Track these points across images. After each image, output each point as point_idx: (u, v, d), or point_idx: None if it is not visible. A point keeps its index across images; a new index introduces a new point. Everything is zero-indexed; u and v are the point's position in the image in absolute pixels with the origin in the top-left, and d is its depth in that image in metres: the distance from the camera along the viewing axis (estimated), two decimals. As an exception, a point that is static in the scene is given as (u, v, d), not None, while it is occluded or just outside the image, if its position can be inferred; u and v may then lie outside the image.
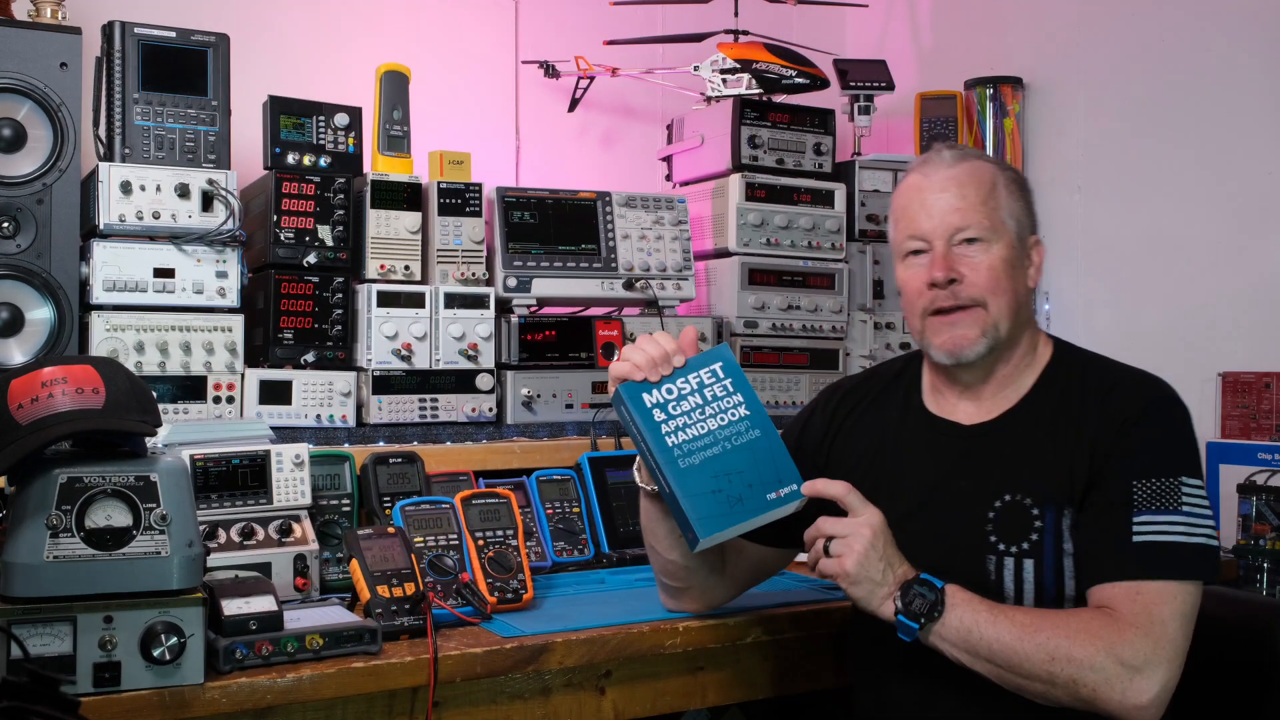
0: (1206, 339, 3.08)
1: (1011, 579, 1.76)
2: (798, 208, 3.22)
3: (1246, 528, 2.78)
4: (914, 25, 4.00)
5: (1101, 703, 1.60)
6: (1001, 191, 1.83)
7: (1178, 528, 1.67)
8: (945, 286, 1.80)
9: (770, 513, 1.78)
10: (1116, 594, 1.65)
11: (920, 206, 1.84)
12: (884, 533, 1.72)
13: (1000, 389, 1.87)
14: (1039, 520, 1.75)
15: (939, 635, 1.68)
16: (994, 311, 1.80)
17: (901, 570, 1.71)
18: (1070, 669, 1.60)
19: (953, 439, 1.87)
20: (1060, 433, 1.78)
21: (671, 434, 1.78)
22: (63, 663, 1.54)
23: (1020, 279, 1.83)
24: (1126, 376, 1.82)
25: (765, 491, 1.78)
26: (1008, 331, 1.81)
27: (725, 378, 1.83)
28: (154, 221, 2.47)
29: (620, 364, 1.83)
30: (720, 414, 1.81)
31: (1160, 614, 1.62)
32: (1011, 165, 1.89)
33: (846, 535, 1.71)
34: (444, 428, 2.72)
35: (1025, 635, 1.63)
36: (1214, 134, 3.10)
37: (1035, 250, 1.87)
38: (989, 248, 1.80)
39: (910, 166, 1.92)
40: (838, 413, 2.03)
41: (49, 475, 1.59)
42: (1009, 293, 1.81)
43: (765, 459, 1.80)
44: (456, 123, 3.42)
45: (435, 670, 1.77)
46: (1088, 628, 1.62)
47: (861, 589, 1.70)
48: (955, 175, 1.83)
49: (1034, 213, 1.89)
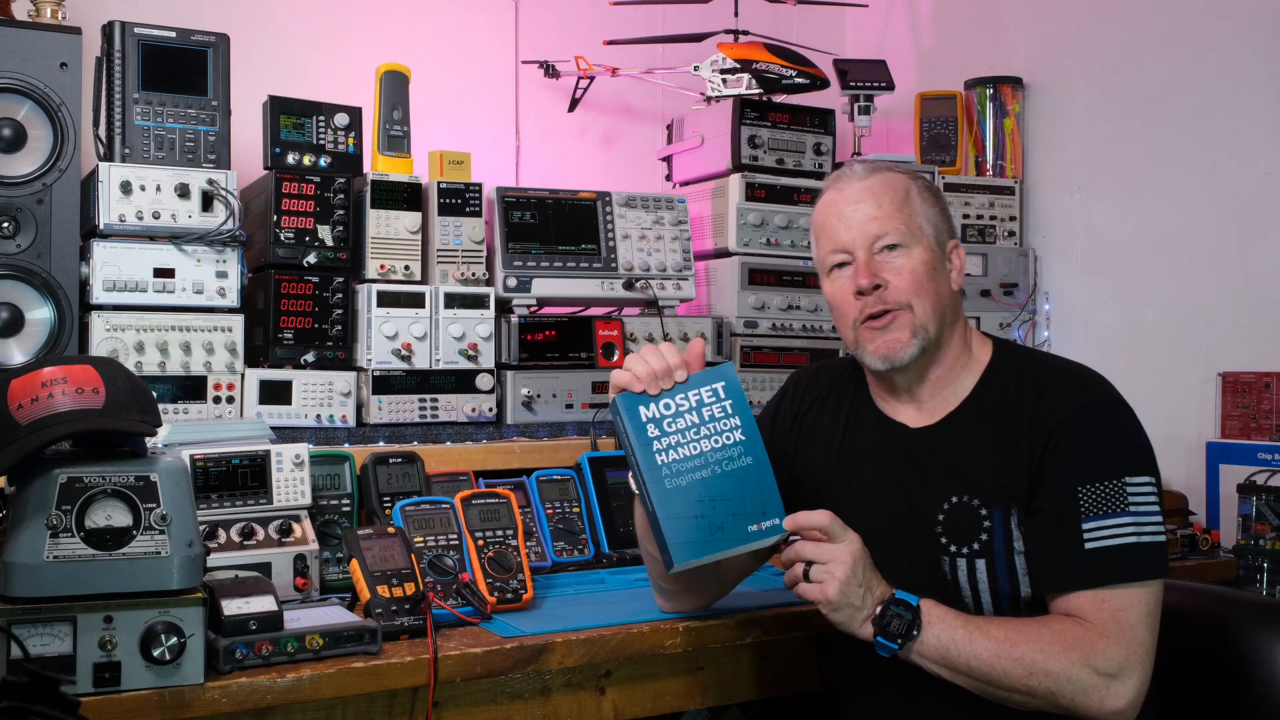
0: (1206, 339, 3.09)
1: (966, 579, 1.79)
2: (798, 208, 3.22)
3: (1246, 528, 2.78)
4: (914, 25, 4.00)
5: (1080, 710, 1.65)
6: (916, 199, 1.87)
7: (1127, 528, 1.70)
8: (871, 293, 1.84)
9: (749, 544, 1.78)
10: (1082, 603, 1.69)
11: (839, 220, 1.88)
12: (864, 558, 1.74)
13: (937, 392, 1.90)
14: (987, 520, 1.78)
15: (918, 653, 1.71)
16: (920, 314, 1.83)
17: (879, 591, 1.74)
18: (1048, 682, 1.64)
19: (901, 441, 1.91)
20: (1000, 434, 1.81)
21: (662, 452, 1.77)
22: (63, 663, 1.54)
23: (942, 281, 1.87)
24: (1060, 378, 1.83)
25: (748, 522, 1.77)
26: (935, 332, 1.85)
27: (725, 399, 1.82)
28: (154, 221, 2.47)
29: (621, 373, 1.82)
30: (715, 436, 1.80)
31: (1128, 619, 1.66)
32: (922, 175, 1.95)
33: (827, 562, 1.73)
34: (444, 428, 2.72)
35: (1002, 650, 1.66)
36: (1214, 134, 3.10)
37: (955, 254, 1.91)
38: (909, 252, 1.84)
39: (825, 184, 1.96)
40: (804, 399, 2.07)
41: (49, 475, 1.59)
42: (932, 294, 1.84)
43: (753, 488, 1.79)
44: (456, 123, 3.42)
45: (435, 670, 1.77)
46: (1061, 639, 1.66)
47: (842, 614, 1.73)
48: (869, 186, 1.87)
49: (950, 218, 1.93)
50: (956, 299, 1.90)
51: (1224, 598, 2.12)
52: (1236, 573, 2.77)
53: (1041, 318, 3.46)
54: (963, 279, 1.92)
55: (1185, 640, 2.02)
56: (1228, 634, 2.00)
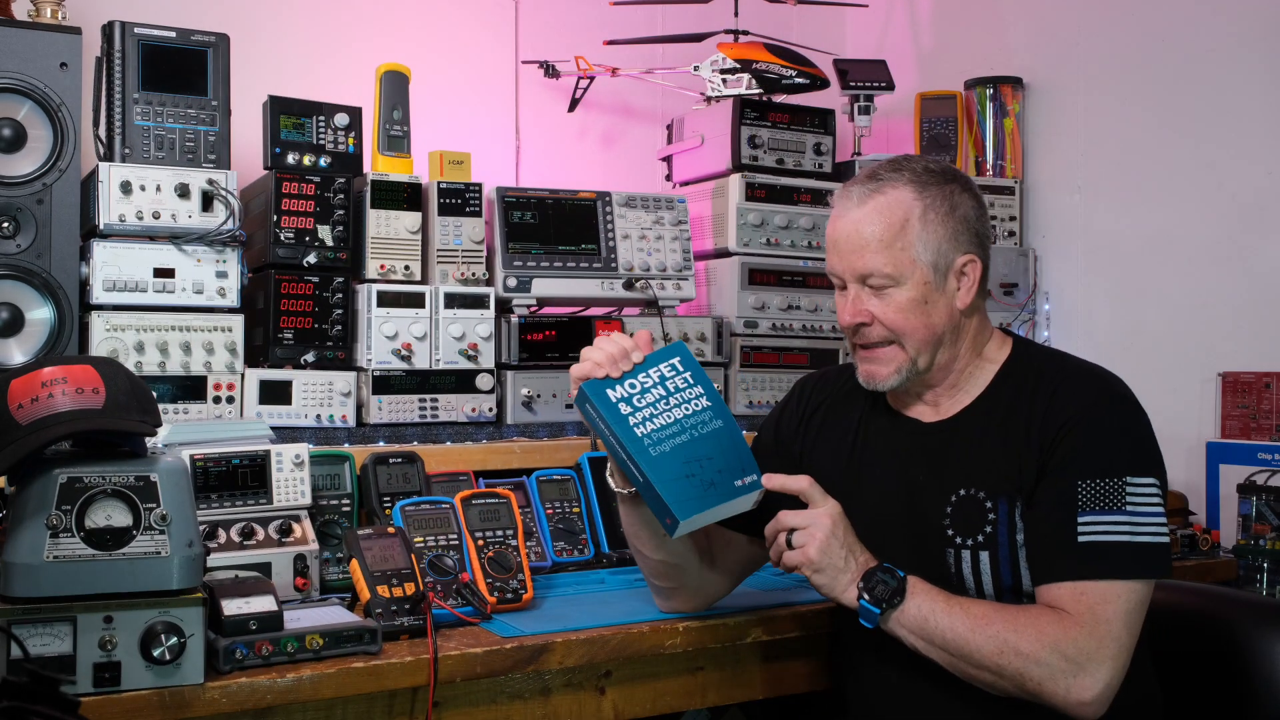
0: (1206, 339, 3.08)
1: (970, 571, 1.81)
2: (798, 208, 3.23)
3: (1246, 528, 2.78)
4: (914, 25, 4.00)
5: (1046, 696, 1.67)
6: (915, 225, 1.81)
7: (1121, 528, 1.71)
8: (855, 332, 1.87)
9: (739, 499, 1.82)
10: (1063, 593, 1.71)
11: (833, 245, 1.89)
12: (843, 521, 1.79)
13: (952, 393, 1.91)
14: (992, 513, 1.80)
15: (898, 621, 1.75)
16: (910, 349, 1.85)
17: (863, 558, 1.79)
18: (1017, 662, 1.67)
19: (914, 435, 1.92)
20: (1011, 429, 1.82)
21: (639, 425, 1.81)
22: (63, 663, 1.54)
23: (937, 311, 1.84)
24: (1075, 374, 1.85)
25: (733, 478, 1.82)
26: (927, 362, 1.86)
27: (684, 370, 1.87)
28: (154, 221, 2.47)
29: (580, 364, 1.86)
30: (684, 404, 1.84)
31: (1105, 613, 1.68)
32: (937, 183, 1.84)
33: (808, 525, 1.78)
34: (444, 428, 2.72)
35: (978, 627, 1.70)
36: (1214, 134, 3.10)
37: (969, 268, 1.85)
38: (896, 289, 1.83)
39: (835, 193, 1.95)
40: (810, 401, 2.08)
41: (49, 475, 1.59)
42: (922, 329, 1.84)
43: (729, 447, 1.84)
44: (456, 123, 3.42)
45: (435, 670, 1.77)
46: (1036, 623, 1.68)
47: (825, 575, 1.77)
48: (863, 216, 1.83)
49: (968, 230, 1.84)
50: (959, 318, 1.86)
51: (1224, 597, 2.12)
52: (1236, 573, 2.77)
53: (1041, 318, 3.46)
54: (974, 295, 1.85)
55: (1185, 640, 2.02)
56: (1228, 633, 2.00)
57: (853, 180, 1.91)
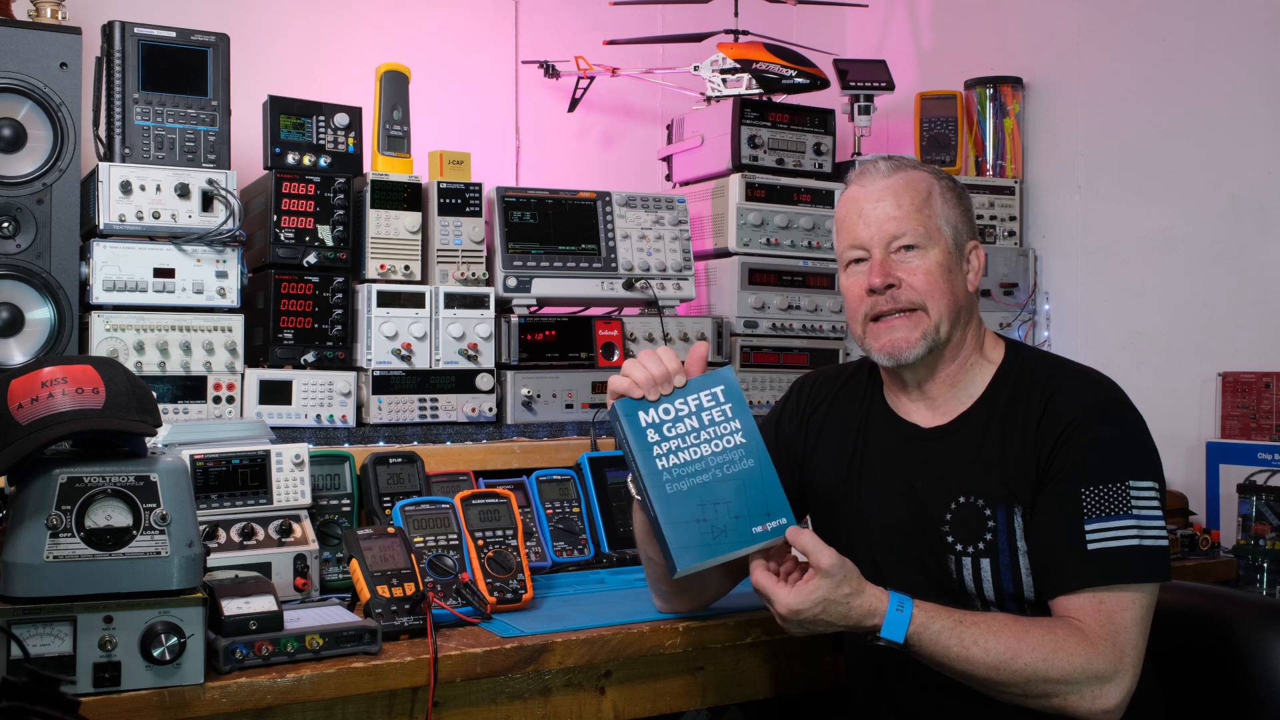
0: (1206, 339, 3.09)
1: (971, 577, 1.81)
2: (798, 208, 3.23)
3: (1246, 528, 2.78)
4: (914, 25, 4.00)
5: (1071, 711, 1.68)
6: (937, 199, 1.88)
7: (1129, 531, 1.71)
8: (883, 292, 1.86)
9: (752, 546, 1.76)
10: (1082, 604, 1.70)
11: (859, 216, 1.89)
12: (840, 588, 1.70)
13: (949, 390, 1.91)
14: (991, 520, 1.80)
15: (914, 654, 1.73)
16: (934, 314, 1.85)
17: (862, 606, 1.71)
18: (1046, 687, 1.67)
19: (912, 440, 1.92)
20: (1009, 436, 1.82)
21: (662, 457, 1.77)
22: (63, 663, 1.54)
23: (958, 282, 1.88)
24: (1070, 380, 1.84)
25: (751, 524, 1.76)
26: (947, 332, 1.86)
27: (725, 402, 1.81)
28: (154, 221, 2.47)
29: (619, 379, 1.82)
30: (716, 440, 1.79)
31: (1123, 621, 1.68)
32: (948, 174, 1.97)
33: (783, 614, 1.73)
34: (444, 428, 2.72)
35: (1001, 665, 1.67)
36: (1214, 134, 3.10)
37: (974, 255, 1.92)
38: (925, 253, 1.85)
39: (849, 178, 1.97)
40: (810, 401, 2.08)
41: (49, 475, 1.59)
42: (947, 295, 1.86)
43: (756, 490, 1.78)
44: (456, 123, 3.42)
45: (435, 670, 1.77)
46: (1062, 648, 1.66)
47: (825, 627, 1.74)
48: (891, 185, 1.88)
49: (972, 219, 1.94)
50: (972, 299, 1.91)
51: (1224, 597, 2.12)
52: (1236, 573, 2.77)
53: (1041, 318, 3.46)
54: (980, 280, 1.93)
55: (1186, 640, 2.02)
56: (1228, 633, 2.00)
57: (869, 160, 1.95)
